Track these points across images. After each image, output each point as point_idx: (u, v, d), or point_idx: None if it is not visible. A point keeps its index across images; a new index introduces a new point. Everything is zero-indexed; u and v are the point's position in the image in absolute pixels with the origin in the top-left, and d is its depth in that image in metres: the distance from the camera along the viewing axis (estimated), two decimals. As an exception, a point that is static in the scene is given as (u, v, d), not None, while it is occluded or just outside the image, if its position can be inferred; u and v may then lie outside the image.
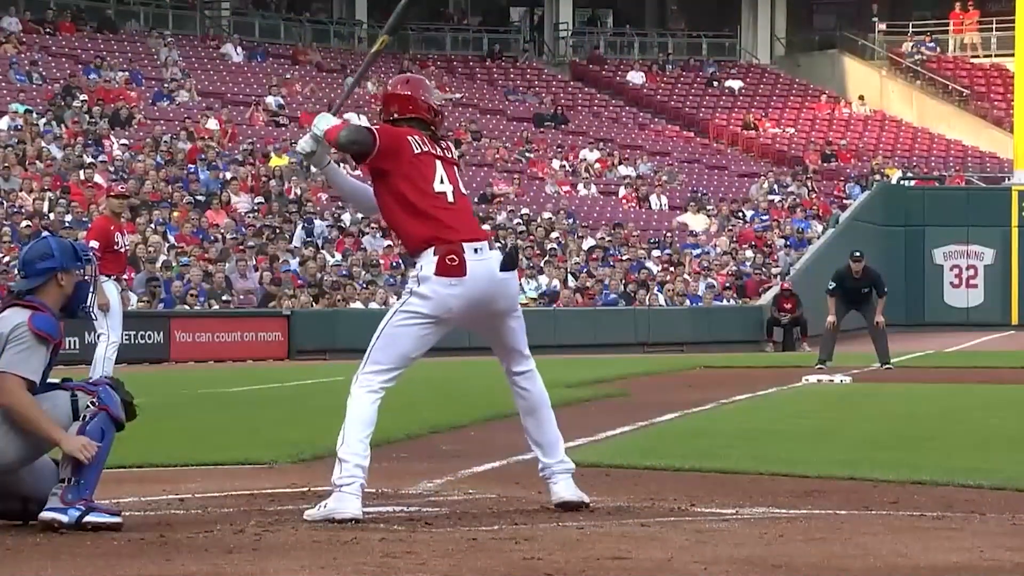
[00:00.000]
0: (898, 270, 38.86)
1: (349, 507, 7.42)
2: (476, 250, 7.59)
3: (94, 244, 15.56)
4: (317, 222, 33.46)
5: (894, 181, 44.39)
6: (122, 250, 16.62)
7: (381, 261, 32.77)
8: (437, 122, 7.92)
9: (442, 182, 7.66)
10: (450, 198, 7.65)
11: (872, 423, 13.75)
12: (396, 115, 7.88)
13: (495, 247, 7.71)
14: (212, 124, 37.54)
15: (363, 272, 31.87)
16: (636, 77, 50.88)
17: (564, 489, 7.76)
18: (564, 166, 42.14)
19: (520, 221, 36.53)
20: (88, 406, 7.15)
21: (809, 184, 43.82)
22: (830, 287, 22.92)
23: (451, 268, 7.53)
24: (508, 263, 7.62)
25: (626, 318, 33.47)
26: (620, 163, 42.93)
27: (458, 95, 45.54)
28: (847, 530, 7.27)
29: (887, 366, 22.54)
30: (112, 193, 17.59)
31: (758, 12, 53.75)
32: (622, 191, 41.14)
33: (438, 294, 7.56)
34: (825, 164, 46.57)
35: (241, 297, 29.87)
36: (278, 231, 32.66)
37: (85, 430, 7.10)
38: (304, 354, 28.56)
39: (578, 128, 45.91)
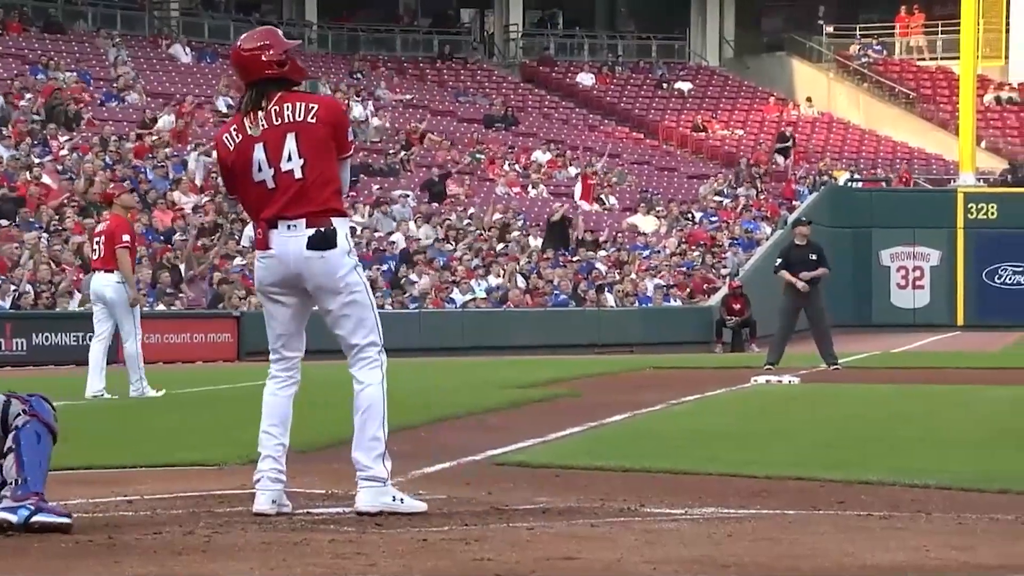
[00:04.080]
0: (845, 271, 39.06)
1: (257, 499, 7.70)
2: (289, 227, 7.64)
3: (126, 238, 16.80)
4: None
5: (841, 183, 44.63)
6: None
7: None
8: (285, 74, 7.79)
9: (260, 169, 7.64)
10: (270, 184, 7.63)
11: (820, 424, 13.81)
12: (245, 83, 7.86)
13: (316, 226, 7.62)
14: (162, 124, 37.36)
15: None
16: (586, 79, 50.96)
17: (360, 498, 7.72)
18: (514, 167, 42.15)
19: (470, 221, 36.53)
20: (19, 414, 7.12)
21: (758, 186, 44.00)
22: (777, 263, 22.97)
23: (259, 242, 7.77)
24: (314, 242, 7.62)
25: (576, 319, 33.52)
26: (570, 164, 42.97)
27: (408, 96, 45.50)
28: (795, 530, 7.31)
29: (834, 366, 22.64)
30: (122, 191, 18.53)
31: (707, 15, 53.95)
32: (579, 193, 41.13)
33: (256, 268, 7.88)
34: (780, 156, 46.76)
35: (190, 298, 29.73)
36: (229, 231, 32.52)
37: (19, 436, 7.07)
38: (254, 355, 28.45)
39: (528, 129, 45.93)
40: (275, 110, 7.66)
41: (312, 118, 7.67)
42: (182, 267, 30.14)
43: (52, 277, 28.40)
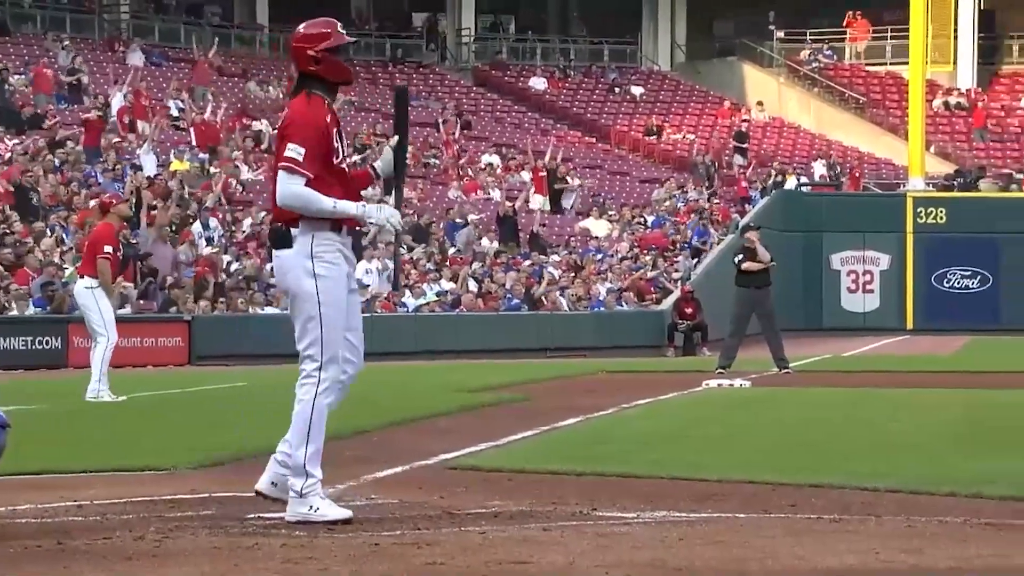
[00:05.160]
0: (796, 276, 39.26)
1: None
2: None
3: (108, 248, 17.26)
4: (212, 221, 33.18)
5: (792, 187, 44.82)
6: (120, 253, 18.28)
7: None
8: (318, 72, 7.80)
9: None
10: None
11: (771, 427, 13.86)
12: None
13: (276, 224, 7.70)
14: (114, 103, 37.25)
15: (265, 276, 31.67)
16: (538, 83, 51.01)
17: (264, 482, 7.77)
18: (467, 171, 42.14)
19: (422, 224, 36.48)
20: None
21: (710, 190, 44.14)
22: (738, 259, 23.05)
23: None
24: (270, 239, 7.77)
25: (528, 323, 33.54)
26: (522, 168, 43.00)
27: (360, 99, 45.41)
28: (746, 533, 7.33)
29: (785, 370, 22.73)
30: (119, 201, 19.32)
31: (659, 20, 54.11)
32: (538, 200, 41.10)
33: None
34: (738, 156, 46.93)
35: (141, 302, 29.58)
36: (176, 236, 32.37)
37: None
38: (205, 359, 28.34)
39: (480, 133, 45.94)
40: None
41: (283, 124, 7.83)
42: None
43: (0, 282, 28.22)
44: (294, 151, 7.56)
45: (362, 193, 7.95)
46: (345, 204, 7.59)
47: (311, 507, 7.63)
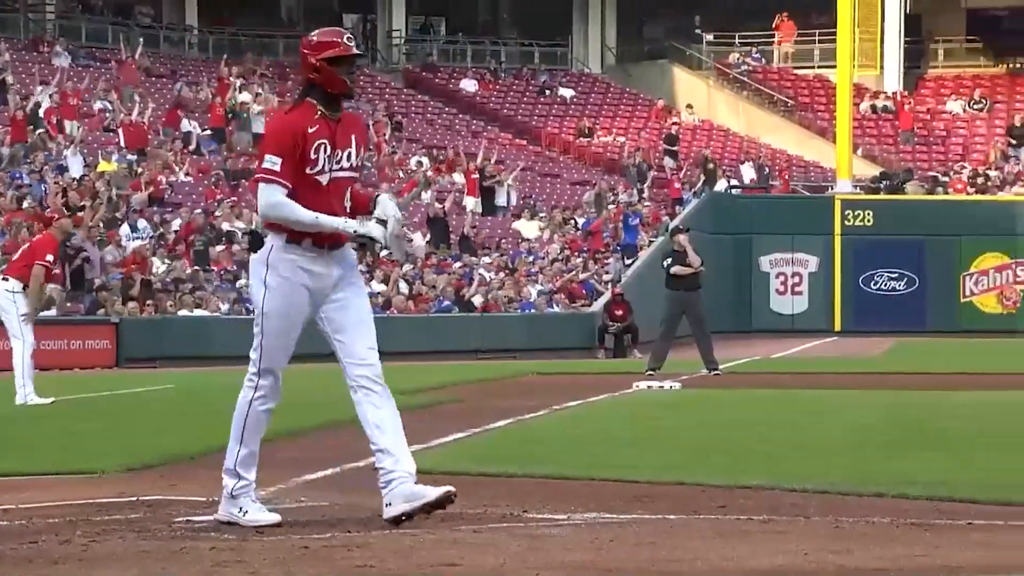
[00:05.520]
0: (726, 278, 39.45)
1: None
2: None
3: (50, 257, 17.57)
4: (141, 223, 32.95)
5: (721, 190, 45.05)
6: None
7: (213, 268, 32.39)
8: (314, 80, 7.71)
9: None
10: None
11: (701, 429, 13.92)
12: None
13: (255, 230, 7.82)
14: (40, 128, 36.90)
15: (199, 276, 31.49)
16: (469, 85, 51.01)
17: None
18: (398, 173, 42.06)
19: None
20: None
21: (641, 192, 44.28)
22: (667, 262, 23.14)
23: None
24: (248, 243, 7.85)
25: (459, 324, 33.52)
26: (454, 170, 42.98)
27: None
28: (676, 534, 7.36)
29: (715, 371, 22.84)
30: (64, 217, 20.19)
31: (589, 22, 54.24)
32: (470, 202, 41.05)
33: None
34: (669, 158, 47.13)
35: (68, 304, 29.35)
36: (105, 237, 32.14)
37: None
38: (133, 362, 28.15)
39: (411, 135, 45.88)
40: None
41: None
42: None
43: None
44: (270, 162, 7.51)
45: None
46: (326, 218, 7.51)
47: (241, 509, 7.63)
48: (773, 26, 53.51)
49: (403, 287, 34.27)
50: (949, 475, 9.78)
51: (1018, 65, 52.35)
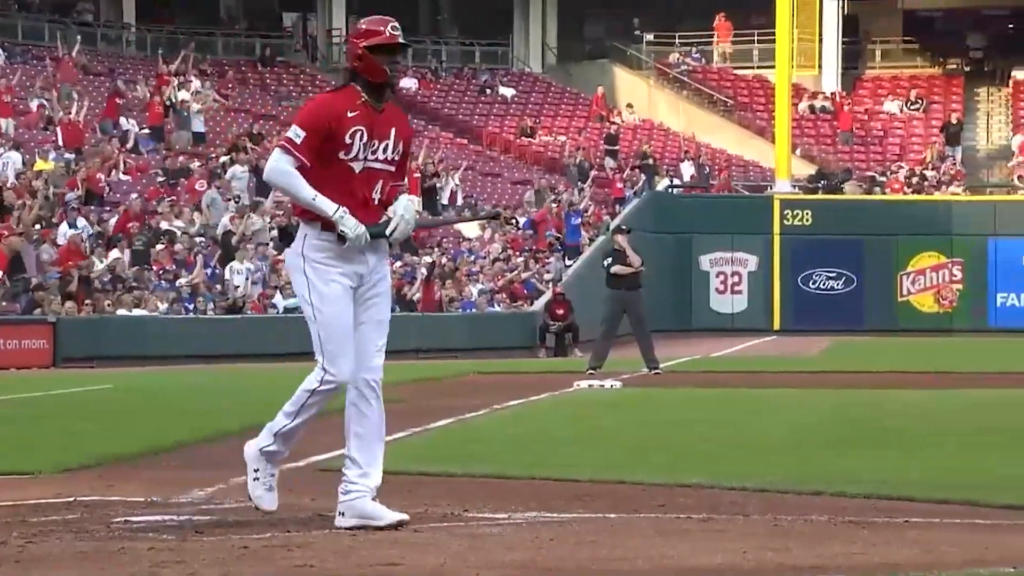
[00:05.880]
0: (667, 277, 39.56)
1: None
2: None
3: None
4: (81, 221, 32.71)
5: (662, 189, 45.17)
6: None
7: (153, 267, 32.18)
8: (357, 69, 7.67)
9: None
10: None
11: (641, 428, 13.96)
12: None
13: (284, 224, 7.75)
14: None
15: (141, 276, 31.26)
16: (409, 84, 50.95)
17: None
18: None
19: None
20: None
21: (582, 191, 44.34)
22: (607, 261, 23.22)
23: None
24: (279, 238, 7.81)
25: (400, 324, 33.39)
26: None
27: (230, 99, 45.03)
28: (616, 533, 7.37)
29: (655, 371, 22.91)
30: (11, 232, 19.81)
31: (530, 22, 54.26)
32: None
33: None
34: (609, 159, 47.24)
35: (3, 304, 29.09)
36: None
37: None
38: (70, 362, 27.94)
39: (351, 134, 45.75)
40: None
41: None
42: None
43: None
44: (293, 132, 7.45)
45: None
46: (324, 201, 7.39)
47: (255, 469, 7.70)
48: (712, 26, 53.71)
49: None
50: (887, 473, 9.85)
51: (953, 66, 52.78)
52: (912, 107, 50.98)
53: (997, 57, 52.05)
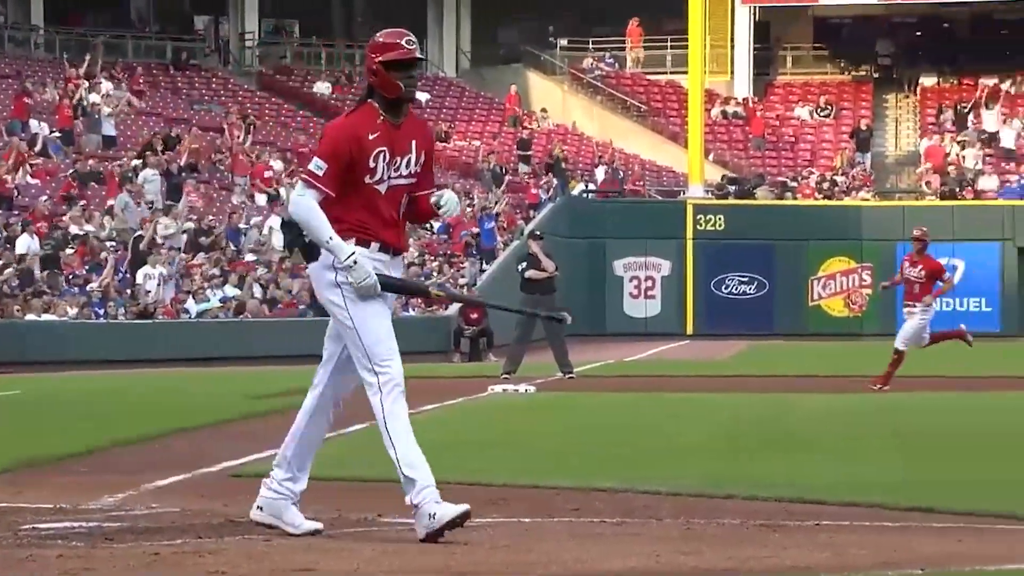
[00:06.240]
0: (581, 281, 39.67)
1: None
2: None
3: None
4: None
5: (576, 194, 45.29)
6: None
7: (63, 272, 31.84)
8: (373, 84, 7.52)
9: None
10: None
11: (556, 432, 13.98)
12: None
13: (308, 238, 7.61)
14: None
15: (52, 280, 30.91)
16: (323, 88, 50.75)
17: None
18: (253, 178, 41.68)
19: (204, 230, 36.01)
20: None
21: (497, 196, 44.37)
22: (522, 266, 23.29)
23: None
24: (302, 254, 7.72)
25: (314, 328, 33.23)
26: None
27: (141, 103, 44.68)
28: (531, 537, 7.38)
29: (569, 375, 22.96)
30: None
31: (444, 26, 54.23)
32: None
33: None
34: (523, 164, 47.33)
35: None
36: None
37: None
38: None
39: (265, 138, 45.53)
40: None
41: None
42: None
43: None
44: (315, 165, 7.35)
45: None
46: (338, 244, 7.31)
47: (431, 515, 7.24)
48: (625, 32, 53.93)
49: (257, 291, 33.98)
50: (798, 477, 9.93)
51: (862, 73, 53.31)
52: (822, 113, 51.44)
53: (905, 64, 52.65)
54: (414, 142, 7.50)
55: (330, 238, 7.31)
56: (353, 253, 7.32)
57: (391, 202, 7.45)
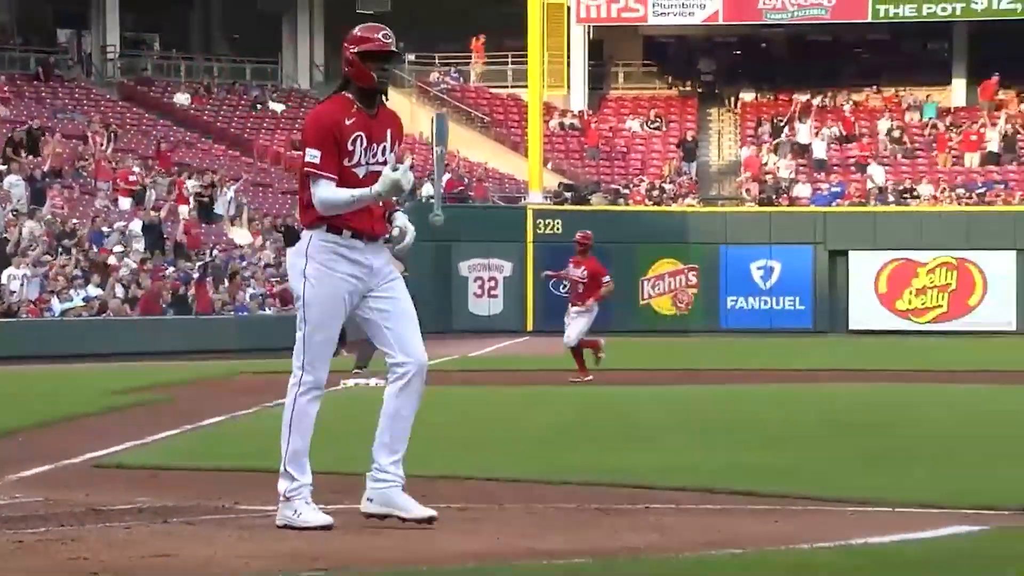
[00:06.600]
0: (428, 282, 39.63)
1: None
2: None
3: None
4: None
5: (423, 199, 45.25)
6: None
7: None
8: (348, 75, 7.48)
9: None
10: None
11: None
12: None
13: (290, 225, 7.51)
14: None
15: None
16: (183, 98, 50.12)
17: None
18: (116, 181, 41.00)
19: (68, 232, 35.35)
20: None
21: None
22: None
23: None
24: (283, 238, 7.59)
25: (174, 326, 32.86)
26: (164, 176, 42.12)
27: (5, 112, 43.71)
28: (379, 523, 7.33)
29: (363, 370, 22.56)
30: None
31: (298, 41, 53.92)
32: (184, 210, 40.19)
33: None
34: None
35: None
36: None
37: None
38: None
39: (127, 146, 44.82)
40: None
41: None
42: None
43: None
44: (310, 155, 7.24)
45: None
46: (361, 194, 7.20)
47: (295, 511, 7.22)
48: (470, 47, 54.03)
49: (119, 291, 33.44)
50: (630, 464, 10.00)
51: (687, 88, 53.97)
52: (652, 125, 51.97)
53: (726, 81, 53.40)
54: (389, 131, 7.46)
55: (351, 195, 7.22)
56: (371, 187, 7.22)
57: (367, 186, 7.31)
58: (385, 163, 7.37)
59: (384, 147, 7.41)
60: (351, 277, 7.33)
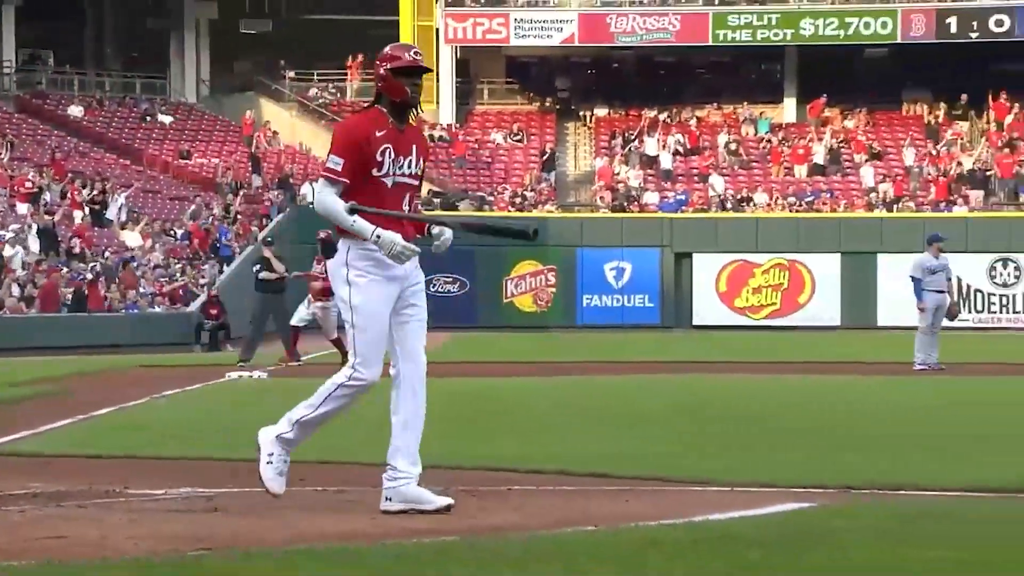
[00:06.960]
0: (305, 283, 39.28)
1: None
2: None
3: None
4: None
5: (307, 204, 44.92)
6: None
7: None
8: (380, 89, 7.39)
9: None
10: None
11: (284, 412, 13.76)
12: None
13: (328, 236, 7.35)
14: None
15: None
16: (76, 111, 49.28)
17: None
18: (13, 189, 40.13)
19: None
20: None
21: (235, 206, 43.69)
22: (256, 268, 23.43)
23: None
24: (322, 251, 7.44)
25: (69, 323, 32.27)
26: (59, 181, 41.33)
27: None
28: (263, 506, 7.25)
29: (297, 362, 22.79)
30: None
31: (185, 57, 53.36)
32: (78, 215, 39.42)
33: None
34: (256, 176, 46.70)
35: None
36: None
37: None
38: None
39: (24, 155, 43.92)
40: None
41: None
42: None
43: None
44: (332, 161, 7.09)
45: None
46: (362, 224, 7.05)
47: (270, 454, 7.22)
48: (347, 65, 53.80)
49: (15, 290, 32.77)
50: (498, 448, 10.02)
51: (547, 104, 54.26)
52: (514, 138, 52.15)
53: (581, 98, 53.78)
54: (415, 147, 7.33)
55: (353, 222, 7.11)
56: (376, 229, 7.08)
57: (396, 197, 7.22)
58: (411, 176, 7.31)
59: (410, 160, 7.32)
60: (387, 279, 7.26)
